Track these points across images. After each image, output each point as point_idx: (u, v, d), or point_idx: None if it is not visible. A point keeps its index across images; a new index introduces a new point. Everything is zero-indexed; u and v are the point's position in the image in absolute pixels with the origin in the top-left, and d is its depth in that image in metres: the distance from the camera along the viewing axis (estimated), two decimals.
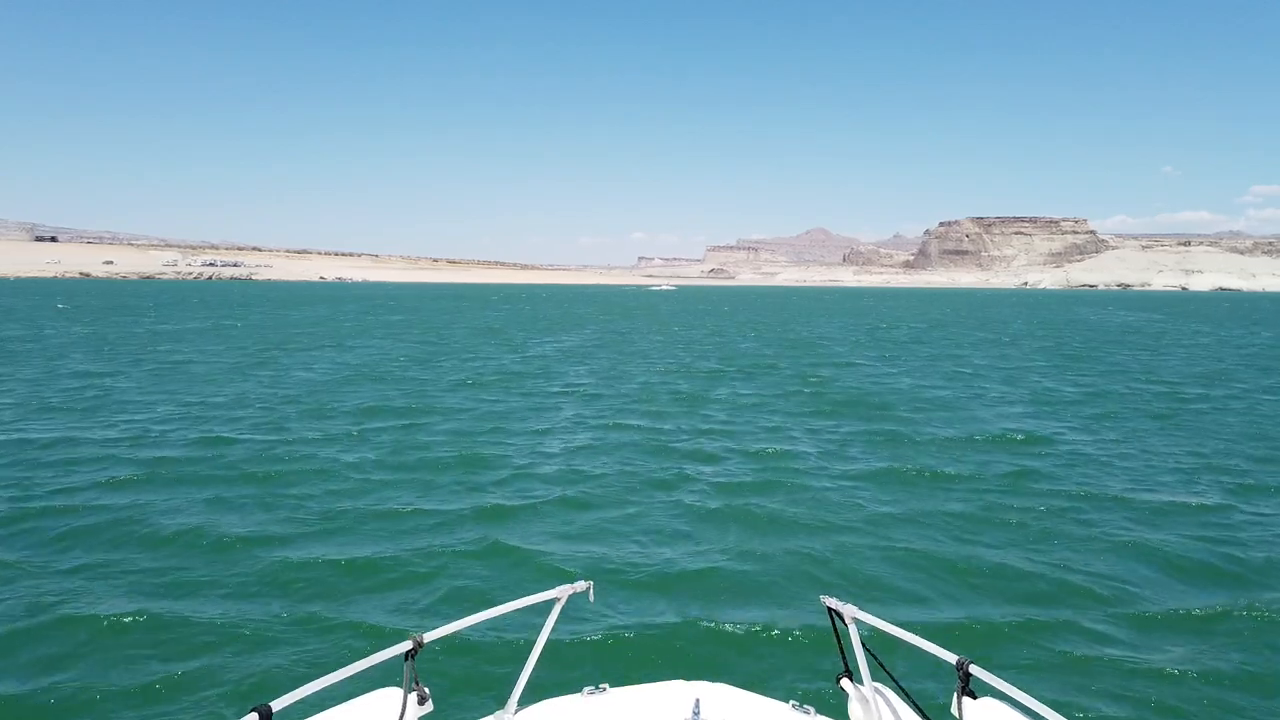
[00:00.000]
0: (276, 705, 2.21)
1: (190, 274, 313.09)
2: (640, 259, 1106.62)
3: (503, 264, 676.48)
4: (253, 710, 2.18)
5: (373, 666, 2.48)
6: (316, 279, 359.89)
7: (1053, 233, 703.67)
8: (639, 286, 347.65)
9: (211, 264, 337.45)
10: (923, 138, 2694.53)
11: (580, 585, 3.16)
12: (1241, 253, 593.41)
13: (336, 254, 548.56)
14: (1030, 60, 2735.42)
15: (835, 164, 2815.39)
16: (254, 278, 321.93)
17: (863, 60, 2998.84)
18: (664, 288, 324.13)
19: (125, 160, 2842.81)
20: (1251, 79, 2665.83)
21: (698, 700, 2.76)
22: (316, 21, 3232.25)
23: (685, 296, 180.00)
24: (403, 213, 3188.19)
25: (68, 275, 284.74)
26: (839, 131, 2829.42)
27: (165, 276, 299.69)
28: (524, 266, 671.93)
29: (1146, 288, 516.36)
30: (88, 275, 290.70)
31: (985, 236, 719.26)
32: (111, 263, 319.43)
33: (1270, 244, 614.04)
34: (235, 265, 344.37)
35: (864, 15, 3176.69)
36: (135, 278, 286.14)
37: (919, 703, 2.78)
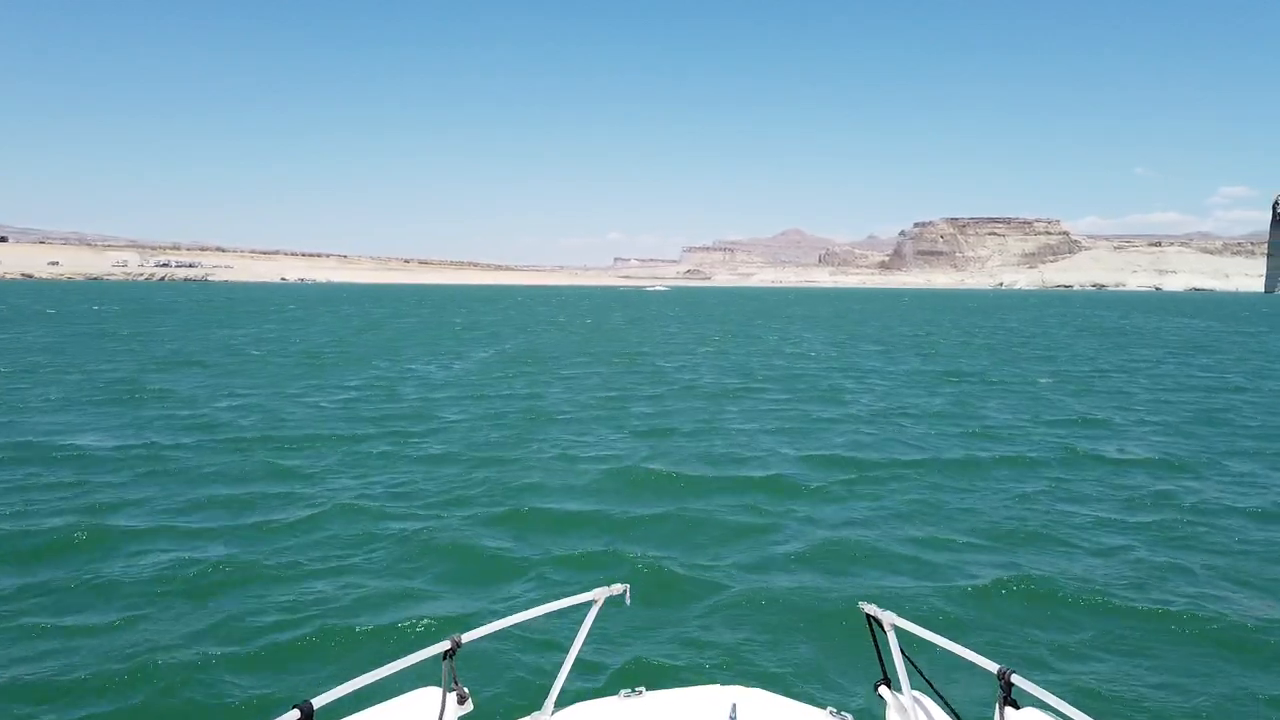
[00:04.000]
0: (317, 702, 2.21)
1: (141, 275, 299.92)
2: (617, 259, 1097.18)
3: (476, 265, 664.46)
4: (294, 708, 2.17)
5: (412, 666, 2.49)
6: (278, 280, 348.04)
7: (1026, 233, 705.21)
8: (636, 288, 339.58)
9: (165, 264, 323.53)
10: (897, 138, 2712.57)
11: (617, 588, 3.14)
12: (1211, 253, 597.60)
13: (304, 254, 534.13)
14: (1005, 62, 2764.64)
15: (810, 165, 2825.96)
16: (210, 279, 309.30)
17: (839, 62, 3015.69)
18: (658, 288, 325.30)
19: (104, 161, 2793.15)
20: (1223, 80, 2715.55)
21: (735, 705, 2.72)
22: (314, 21, 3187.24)
23: (678, 298, 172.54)
24: (394, 214, 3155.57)
25: (8, 277, 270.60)
26: (814, 132, 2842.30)
27: (114, 277, 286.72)
28: (497, 267, 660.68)
29: (1121, 288, 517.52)
30: (30, 277, 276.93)
31: (960, 237, 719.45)
32: (57, 263, 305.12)
33: (1239, 245, 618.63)
34: (191, 266, 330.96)
35: (843, 17, 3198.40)
36: (81, 279, 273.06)
37: (959, 712, 2.71)
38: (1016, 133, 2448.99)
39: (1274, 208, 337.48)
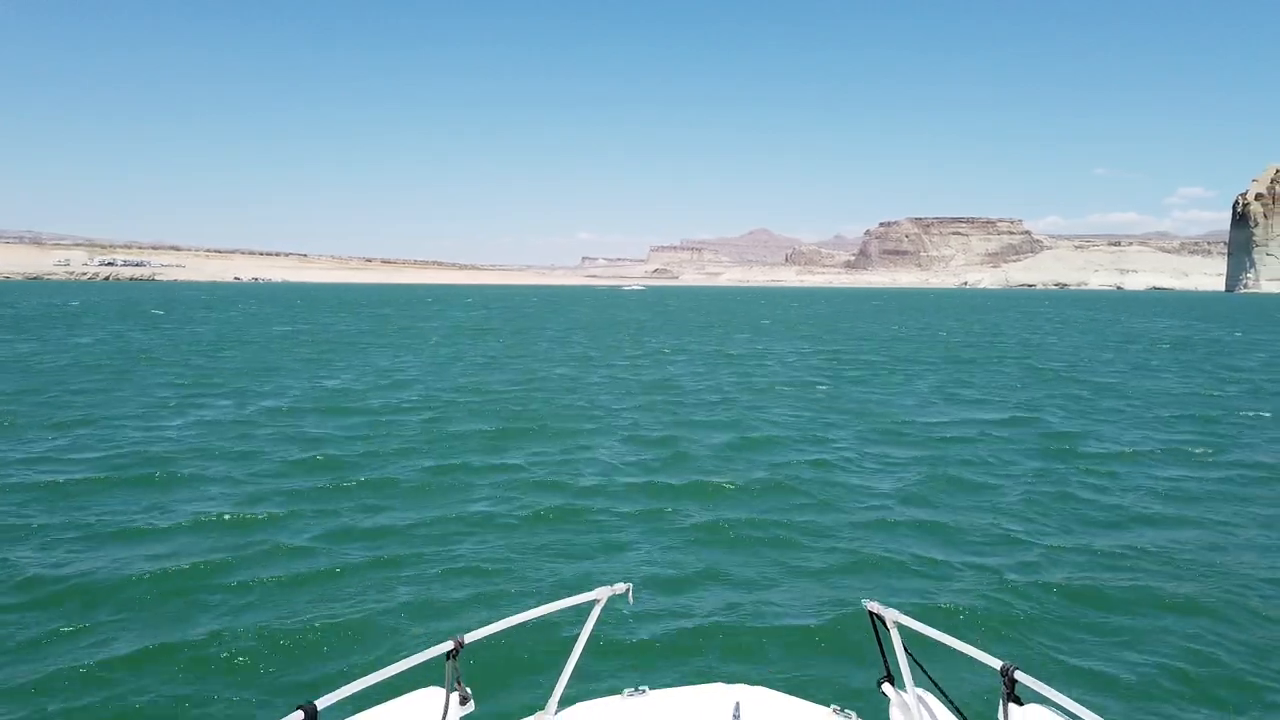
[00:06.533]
0: (321, 703, 2.21)
1: (85, 274, 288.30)
2: (584, 259, 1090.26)
3: (440, 264, 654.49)
4: (298, 708, 2.17)
5: (415, 666, 2.49)
6: (231, 279, 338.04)
7: (989, 233, 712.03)
8: (612, 287, 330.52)
9: (110, 263, 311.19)
10: (862, 139, 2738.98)
11: (620, 587, 3.12)
12: (1169, 252, 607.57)
13: (262, 253, 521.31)
14: (968, 64, 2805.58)
15: (777, 165, 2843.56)
16: (157, 278, 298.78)
17: (805, 63, 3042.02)
18: (634, 288, 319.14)
19: (65, 161, 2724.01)
20: (1181, 82, 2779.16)
21: (738, 703, 2.72)
22: (289, 20, 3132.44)
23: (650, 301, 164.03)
24: (363, 215, 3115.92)
25: None
26: (781, 133, 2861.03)
27: (56, 277, 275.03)
28: (462, 267, 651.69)
29: (1083, 287, 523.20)
30: None
31: (924, 237, 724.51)
32: None
33: (1196, 244, 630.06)
34: (139, 265, 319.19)
35: (810, 19, 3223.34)
36: (20, 278, 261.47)
37: (962, 709, 2.71)
38: (979, 133, 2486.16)
39: (1234, 207, 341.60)
